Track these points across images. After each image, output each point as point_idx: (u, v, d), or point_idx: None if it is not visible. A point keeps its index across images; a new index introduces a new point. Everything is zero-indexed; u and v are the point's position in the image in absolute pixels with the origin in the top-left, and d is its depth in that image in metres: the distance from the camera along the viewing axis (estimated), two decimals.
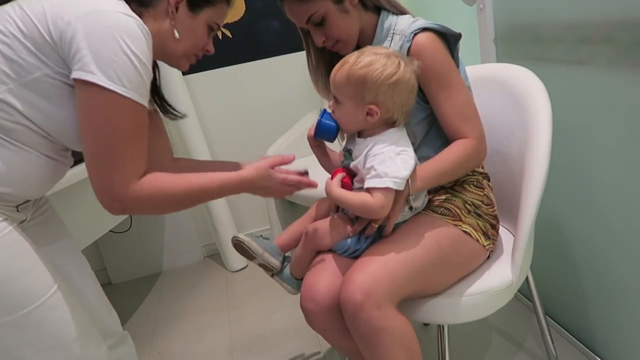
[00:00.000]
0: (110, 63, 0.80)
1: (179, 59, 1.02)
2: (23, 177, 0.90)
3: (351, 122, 1.05)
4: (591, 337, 1.44)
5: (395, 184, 0.98)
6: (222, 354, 1.80)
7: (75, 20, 0.80)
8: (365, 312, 0.95)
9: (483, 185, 1.17)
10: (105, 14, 0.81)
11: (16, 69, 0.83)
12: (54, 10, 0.82)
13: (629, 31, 1.08)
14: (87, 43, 0.80)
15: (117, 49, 0.80)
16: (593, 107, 1.23)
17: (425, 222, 1.09)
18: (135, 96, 0.84)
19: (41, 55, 0.83)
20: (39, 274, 0.90)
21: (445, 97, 1.07)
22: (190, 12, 0.97)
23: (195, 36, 1.00)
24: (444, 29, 1.07)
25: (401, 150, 1.01)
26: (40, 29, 0.82)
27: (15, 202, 0.93)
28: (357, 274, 0.99)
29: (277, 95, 2.44)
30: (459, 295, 1.07)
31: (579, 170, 1.32)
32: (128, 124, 0.85)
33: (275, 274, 1.20)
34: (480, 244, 1.11)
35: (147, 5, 0.93)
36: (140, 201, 0.89)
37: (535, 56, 1.39)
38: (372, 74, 0.98)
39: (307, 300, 1.08)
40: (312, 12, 1.08)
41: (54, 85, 0.85)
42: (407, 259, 1.01)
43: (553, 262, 1.52)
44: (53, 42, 0.82)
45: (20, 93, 0.84)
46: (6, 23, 0.83)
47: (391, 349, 0.97)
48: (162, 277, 2.52)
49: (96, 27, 0.80)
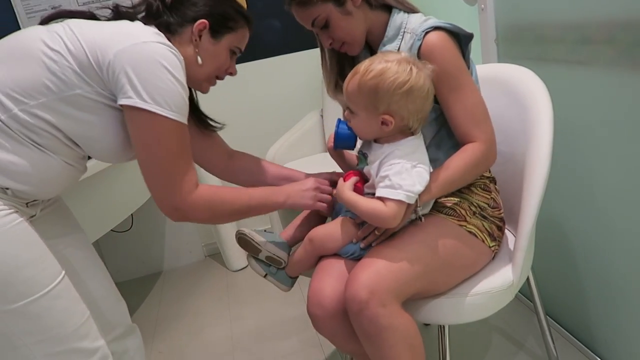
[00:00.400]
0: (158, 90, 0.89)
1: (201, 83, 1.09)
2: (41, 179, 0.95)
3: (367, 131, 1.04)
4: (592, 337, 1.44)
5: (407, 198, 0.97)
6: (222, 353, 1.80)
7: (121, 52, 0.87)
8: (370, 310, 0.95)
9: (490, 189, 1.17)
10: (147, 45, 0.89)
11: (58, 84, 0.89)
12: (102, 40, 0.89)
13: (630, 31, 1.08)
14: (135, 73, 0.87)
15: (162, 76, 0.89)
16: (594, 108, 1.23)
17: (430, 222, 1.09)
18: (181, 118, 0.93)
19: (84, 75, 0.89)
20: (44, 265, 0.93)
21: (456, 98, 1.06)
22: (213, 38, 1.04)
23: (217, 61, 1.06)
24: (456, 29, 1.05)
25: (418, 163, 0.99)
26: (88, 54, 0.88)
27: (26, 200, 0.96)
28: (363, 272, 0.98)
29: (279, 95, 2.44)
30: (460, 296, 1.07)
31: (580, 170, 1.32)
32: (177, 143, 0.94)
33: (273, 275, 1.19)
34: (486, 244, 1.10)
35: (174, 33, 1.01)
36: (199, 208, 0.99)
37: (537, 56, 1.39)
38: (384, 84, 0.96)
39: (314, 306, 1.07)
40: (315, 16, 1.09)
41: (91, 102, 0.92)
42: (412, 258, 1.01)
43: (554, 263, 1.51)
44: (99, 68, 0.89)
45: (57, 106, 0.90)
46: (55, 40, 0.89)
47: (395, 347, 0.97)
48: (163, 276, 2.52)
49: (141, 57, 0.88)
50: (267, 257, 1.17)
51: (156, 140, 0.92)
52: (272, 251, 1.15)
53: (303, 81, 2.48)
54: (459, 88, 1.05)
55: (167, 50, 0.90)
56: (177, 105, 0.91)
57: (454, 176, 1.05)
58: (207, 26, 1.02)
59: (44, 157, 0.93)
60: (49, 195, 1.03)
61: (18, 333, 0.90)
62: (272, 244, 1.16)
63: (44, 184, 0.97)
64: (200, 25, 1.01)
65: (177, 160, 0.95)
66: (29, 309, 0.89)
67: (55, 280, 0.93)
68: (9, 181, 0.90)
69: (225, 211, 1.04)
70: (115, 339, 1.14)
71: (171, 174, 0.95)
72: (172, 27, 1.01)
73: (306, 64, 2.44)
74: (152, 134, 0.92)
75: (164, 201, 0.97)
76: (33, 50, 0.89)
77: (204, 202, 0.99)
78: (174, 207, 0.97)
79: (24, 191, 0.93)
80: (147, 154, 0.94)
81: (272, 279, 1.20)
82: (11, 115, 0.88)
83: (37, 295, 0.90)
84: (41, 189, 0.97)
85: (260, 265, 1.19)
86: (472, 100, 1.07)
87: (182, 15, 1.02)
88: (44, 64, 0.88)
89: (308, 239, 1.11)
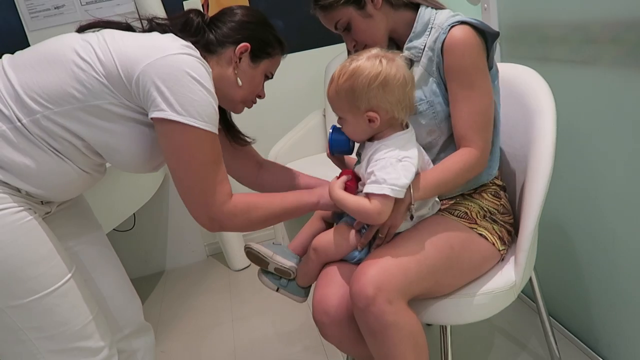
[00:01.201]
0: (189, 101, 0.88)
1: (237, 104, 1.10)
2: (55, 184, 0.96)
3: (358, 133, 1.04)
4: (594, 338, 1.44)
5: (393, 192, 0.95)
6: (224, 352, 1.80)
7: (150, 66, 0.88)
8: (377, 307, 0.94)
9: (500, 196, 1.17)
10: (175, 57, 0.89)
11: (84, 93, 0.89)
12: (132, 53, 0.89)
13: (634, 31, 1.07)
14: (165, 86, 0.87)
15: (193, 87, 0.89)
16: (598, 108, 1.23)
17: (440, 222, 1.09)
18: (213, 128, 0.93)
19: (112, 87, 0.90)
20: (53, 263, 0.94)
21: (465, 97, 1.05)
22: (252, 62, 1.06)
23: (253, 84, 1.08)
24: (483, 26, 1.05)
25: (404, 157, 0.98)
26: (118, 66, 0.89)
27: (40, 199, 0.98)
28: (370, 268, 0.97)
29: (281, 94, 2.44)
30: (462, 296, 1.06)
31: (583, 170, 1.32)
32: (210, 152, 0.94)
33: (284, 287, 1.18)
34: (496, 247, 1.10)
35: (213, 53, 1.02)
36: (234, 217, 0.98)
37: (540, 56, 1.39)
38: (358, 82, 0.97)
39: (320, 314, 1.06)
40: (337, 19, 1.11)
41: (115, 114, 0.92)
42: (420, 256, 1.01)
43: (557, 263, 1.51)
44: (127, 81, 0.89)
45: (81, 114, 0.90)
46: (87, 50, 0.90)
47: (399, 345, 0.96)
48: (165, 275, 2.52)
49: (170, 70, 0.88)
50: (275, 269, 1.16)
51: (189, 151, 0.92)
52: (280, 262, 1.15)
53: (305, 81, 2.48)
54: (470, 88, 1.05)
55: (195, 61, 0.90)
56: (209, 115, 0.91)
57: (446, 177, 1.04)
58: (249, 49, 1.03)
59: (60, 163, 0.93)
60: (63, 199, 1.04)
61: (24, 328, 0.91)
62: (279, 256, 1.16)
63: (58, 188, 0.98)
64: (243, 47, 1.03)
65: (211, 171, 0.94)
66: (36, 305, 0.90)
67: (64, 278, 0.94)
68: (23, 183, 0.91)
69: (260, 217, 1.03)
70: (124, 337, 1.15)
71: (205, 185, 0.94)
72: (212, 47, 1.02)
73: (308, 64, 2.44)
74: (185, 145, 0.91)
75: (199, 212, 0.96)
76: (64, 58, 0.90)
77: (239, 211, 0.99)
78: (209, 217, 0.96)
79: (38, 194, 0.94)
80: (180, 166, 0.94)
81: (284, 292, 1.19)
82: (33, 119, 0.89)
83: (44, 292, 0.91)
84: (55, 193, 0.98)
85: (270, 279, 1.19)
86: (481, 104, 1.06)
87: (223, 35, 1.03)
88: (72, 72, 0.89)
89: (312, 249, 1.12)
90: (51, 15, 2.15)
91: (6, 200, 0.89)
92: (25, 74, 0.89)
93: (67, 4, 2.15)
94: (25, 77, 0.89)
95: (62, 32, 0.99)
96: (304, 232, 1.22)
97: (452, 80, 1.06)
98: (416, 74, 1.10)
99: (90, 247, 1.12)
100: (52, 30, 2.14)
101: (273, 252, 1.15)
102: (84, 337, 0.97)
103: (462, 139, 1.07)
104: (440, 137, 1.12)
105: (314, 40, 1.09)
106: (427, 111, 1.10)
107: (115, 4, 2.18)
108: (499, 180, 1.20)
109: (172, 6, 2.19)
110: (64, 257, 0.96)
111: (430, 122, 1.11)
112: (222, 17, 1.06)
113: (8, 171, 0.90)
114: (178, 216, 2.50)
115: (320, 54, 2.35)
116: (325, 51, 2.37)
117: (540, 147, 1.09)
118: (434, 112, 1.10)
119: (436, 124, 1.11)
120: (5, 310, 0.89)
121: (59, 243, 0.97)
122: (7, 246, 0.88)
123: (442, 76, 1.08)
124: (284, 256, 1.16)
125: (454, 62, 1.04)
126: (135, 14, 1.11)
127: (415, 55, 1.11)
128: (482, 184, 1.16)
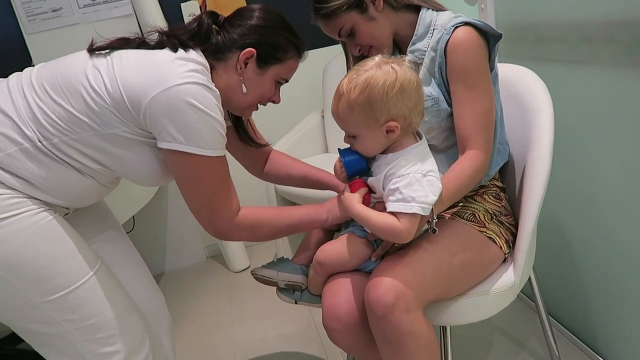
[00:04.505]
0: (193, 131, 0.91)
1: (244, 110, 1.10)
2: (75, 196, 1.00)
3: (374, 147, 0.99)
4: (593, 337, 1.44)
5: (422, 210, 0.92)
6: (224, 354, 1.80)
7: (155, 100, 0.90)
8: (396, 315, 0.92)
9: (501, 197, 1.17)
10: (179, 88, 0.90)
11: (98, 122, 0.93)
12: (138, 85, 0.91)
13: (630, 31, 1.08)
14: (169, 119, 0.90)
15: (196, 117, 0.91)
16: (595, 107, 1.23)
17: (451, 226, 1.08)
18: (219, 152, 0.96)
19: (122, 117, 0.93)
20: (79, 258, 0.98)
21: (467, 98, 1.04)
22: (259, 68, 1.04)
23: (261, 91, 1.07)
24: (486, 27, 1.04)
25: (428, 172, 0.94)
26: (125, 98, 0.91)
27: None
28: (387, 276, 0.95)
29: (280, 95, 2.44)
30: (462, 297, 1.06)
31: (581, 170, 1.32)
32: (217, 175, 0.98)
33: (299, 299, 1.18)
34: (503, 251, 1.10)
35: (220, 59, 1.02)
36: (241, 231, 1.03)
37: (537, 56, 1.39)
38: (375, 93, 0.92)
39: (331, 320, 1.04)
40: (340, 26, 1.10)
41: (128, 140, 0.96)
42: (435, 263, 0.99)
43: (555, 263, 1.51)
44: (136, 113, 0.92)
45: (95, 141, 0.94)
46: (97, 79, 0.92)
47: (414, 354, 0.94)
48: (164, 277, 2.52)
49: (174, 103, 0.90)
50: (286, 285, 1.17)
51: (196, 177, 0.96)
52: (287, 279, 1.15)
53: (304, 82, 2.47)
54: (473, 88, 1.04)
55: (199, 89, 0.91)
56: (214, 141, 0.95)
57: (461, 185, 1.03)
58: (254, 55, 1.01)
59: (80, 178, 0.98)
60: (80, 206, 1.08)
61: (61, 321, 0.96)
62: (285, 273, 1.16)
63: (77, 199, 1.02)
64: (247, 53, 1.01)
65: (218, 191, 0.99)
66: (66, 299, 0.96)
67: (89, 273, 0.99)
68: (43, 194, 0.95)
69: (267, 232, 1.07)
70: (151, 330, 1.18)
71: (213, 204, 0.99)
72: (219, 52, 1.01)
73: (307, 65, 2.40)
74: (192, 172, 0.96)
75: (208, 227, 1.01)
76: (77, 86, 0.92)
77: (245, 227, 1.03)
78: (217, 231, 1.02)
79: (56, 203, 0.98)
80: (189, 190, 0.99)
81: (303, 303, 1.19)
82: (52, 143, 0.92)
83: (72, 287, 0.96)
84: (74, 202, 1.02)
85: (286, 294, 1.20)
86: (484, 105, 1.05)
87: (230, 41, 1.01)
88: (85, 102, 0.91)
89: (317, 263, 1.08)
90: (49, 18, 2.14)
91: (25, 204, 0.92)
92: (43, 98, 0.92)
93: (64, 7, 2.14)
94: (42, 101, 0.92)
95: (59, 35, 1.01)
96: (306, 242, 1.21)
97: (455, 81, 1.05)
98: (419, 75, 1.10)
99: (110, 244, 1.16)
100: (50, 33, 2.13)
101: (277, 272, 1.15)
102: (117, 326, 1.02)
103: (466, 139, 1.06)
104: (438, 135, 1.12)
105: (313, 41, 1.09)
106: (432, 108, 1.09)
107: (113, 7, 2.17)
108: (498, 181, 1.20)
109: (170, 8, 2.19)
110: (88, 252, 1.01)
111: (432, 120, 1.10)
112: (236, 18, 1.04)
113: (29, 183, 0.93)
114: (177, 218, 2.50)
115: (319, 55, 2.34)
116: (324, 52, 2.36)
117: (538, 147, 1.10)
118: (438, 110, 1.10)
119: (437, 122, 1.11)
120: (40, 306, 0.94)
121: (81, 239, 1.01)
122: (31, 247, 0.92)
123: (443, 77, 1.08)
124: (288, 271, 1.16)
125: (457, 62, 1.03)
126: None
127: (419, 57, 1.11)
128: (483, 186, 1.16)
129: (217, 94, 0.95)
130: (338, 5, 1.08)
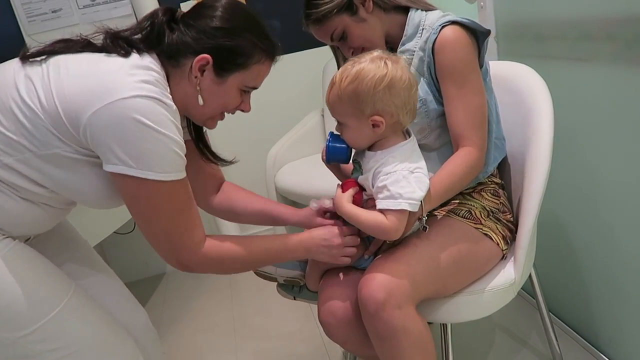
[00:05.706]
0: (143, 152, 0.78)
1: (205, 121, 0.97)
2: (29, 224, 0.90)
3: (360, 139, 1.00)
4: (595, 335, 1.44)
5: (410, 206, 0.92)
6: (226, 353, 1.80)
7: (95, 116, 0.77)
8: (387, 312, 0.93)
9: (499, 194, 1.17)
10: (124, 103, 0.76)
11: (35, 143, 0.80)
12: (76, 98, 0.78)
13: (630, 28, 1.08)
14: (114, 138, 0.77)
15: (146, 135, 0.78)
16: (595, 105, 1.23)
17: (446, 224, 1.08)
18: (176, 175, 0.83)
19: (60, 135, 0.80)
20: (53, 282, 0.90)
21: (459, 96, 1.05)
22: (217, 77, 0.89)
23: (223, 101, 0.93)
24: (474, 25, 1.05)
25: (415, 168, 0.95)
26: (61, 114, 0.78)
27: None
28: (379, 272, 0.96)
29: (279, 95, 2.44)
30: (462, 294, 1.07)
31: (581, 167, 1.32)
32: (175, 202, 0.85)
33: (297, 294, 1.21)
34: (500, 247, 1.10)
35: (175, 66, 0.88)
36: (207, 265, 0.92)
37: (537, 53, 1.39)
38: (363, 85, 0.92)
39: (326, 315, 1.06)
40: (332, 29, 1.11)
41: (71, 160, 0.83)
42: (428, 260, 1.00)
43: (556, 260, 1.51)
44: (75, 130, 0.79)
45: (36, 163, 0.82)
46: (30, 92, 0.79)
47: (407, 350, 0.95)
48: (166, 278, 2.52)
49: (118, 119, 0.76)
50: (285, 280, 1.19)
51: (150, 205, 0.83)
52: (285, 274, 1.17)
53: (303, 81, 2.48)
54: (463, 86, 1.05)
55: (149, 104, 0.78)
56: (169, 163, 0.81)
57: (453, 182, 1.03)
58: (210, 62, 0.88)
59: (27, 205, 0.86)
60: (41, 232, 0.98)
61: (45, 352, 0.87)
62: (283, 269, 1.18)
63: (33, 226, 0.92)
64: (202, 60, 0.87)
65: (178, 219, 0.86)
66: (48, 327, 0.86)
67: (67, 296, 0.90)
68: None
69: (237, 267, 0.97)
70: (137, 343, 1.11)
71: (174, 234, 0.86)
72: (173, 58, 0.88)
73: (306, 64, 2.44)
74: (145, 199, 0.83)
75: (171, 260, 0.90)
76: (6, 101, 0.80)
77: (212, 261, 0.92)
78: (180, 263, 0.90)
79: (14, 232, 0.89)
80: (143, 220, 0.86)
81: (300, 299, 1.22)
82: None
83: (53, 312, 0.87)
84: (31, 230, 0.93)
85: (285, 290, 1.22)
86: (475, 102, 1.06)
87: (184, 44, 0.87)
88: (18, 121, 0.79)
89: (313, 261, 1.12)
90: (48, 19, 2.15)
91: None
92: None
93: (64, 8, 2.15)
94: None
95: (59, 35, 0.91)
96: None
97: (445, 80, 1.06)
98: None
99: (82, 265, 1.06)
100: (50, 34, 2.14)
101: (275, 267, 1.17)
102: (104, 348, 0.94)
103: (459, 137, 1.06)
104: (429, 135, 1.13)
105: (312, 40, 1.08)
106: (420, 110, 1.10)
107: (112, 7, 2.18)
108: (497, 178, 1.20)
109: None
110: (60, 277, 0.92)
111: (422, 121, 1.11)
112: (193, 17, 0.90)
113: None
114: None
115: (318, 54, 2.34)
116: (323, 51, 2.35)
117: (537, 144, 1.09)
118: (426, 111, 1.10)
119: (427, 123, 1.11)
120: (17, 342, 0.85)
121: (50, 264, 0.92)
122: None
123: (432, 76, 1.09)
124: (286, 267, 1.18)
125: (446, 61, 1.04)
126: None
127: (409, 58, 1.12)
128: (481, 182, 1.17)
129: (174, 109, 0.82)
130: (329, 9, 1.08)
